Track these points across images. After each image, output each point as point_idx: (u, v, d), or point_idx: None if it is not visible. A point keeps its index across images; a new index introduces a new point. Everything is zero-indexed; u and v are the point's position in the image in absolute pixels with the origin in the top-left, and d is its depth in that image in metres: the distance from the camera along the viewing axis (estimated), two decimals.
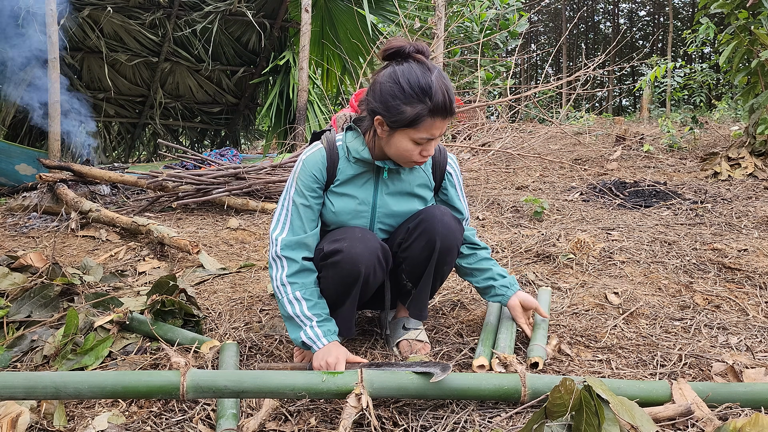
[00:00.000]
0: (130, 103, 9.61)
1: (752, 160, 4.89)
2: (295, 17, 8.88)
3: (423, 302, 1.81)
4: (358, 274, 1.58)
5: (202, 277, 2.71)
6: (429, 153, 1.59)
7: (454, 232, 1.68)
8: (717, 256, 2.64)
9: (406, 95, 1.50)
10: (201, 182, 4.39)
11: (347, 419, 1.26)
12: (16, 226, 4.15)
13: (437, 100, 1.50)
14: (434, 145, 1.60)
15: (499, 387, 1.41)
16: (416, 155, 1.59)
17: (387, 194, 1.72)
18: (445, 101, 1.51)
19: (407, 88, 1.50)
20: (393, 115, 1.53)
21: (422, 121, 1.51)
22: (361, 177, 1.70)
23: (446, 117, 1.54)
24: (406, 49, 1.56)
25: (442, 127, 1.56)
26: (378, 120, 1.58)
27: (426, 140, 1.56)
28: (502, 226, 3.51)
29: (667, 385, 1.41)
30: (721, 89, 13.74)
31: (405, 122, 1.52)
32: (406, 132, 1.54)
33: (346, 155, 1.69)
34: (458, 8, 9.91)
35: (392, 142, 1.59)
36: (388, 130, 1.57)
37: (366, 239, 1.60)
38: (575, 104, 17.50)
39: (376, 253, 1.60)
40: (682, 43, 15.07)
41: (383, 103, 1.54)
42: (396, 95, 1.51)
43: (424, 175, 1.77)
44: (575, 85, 6.18)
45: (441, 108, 1.51)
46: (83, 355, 1.75)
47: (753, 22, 5.12)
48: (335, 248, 1.58)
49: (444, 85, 1.52)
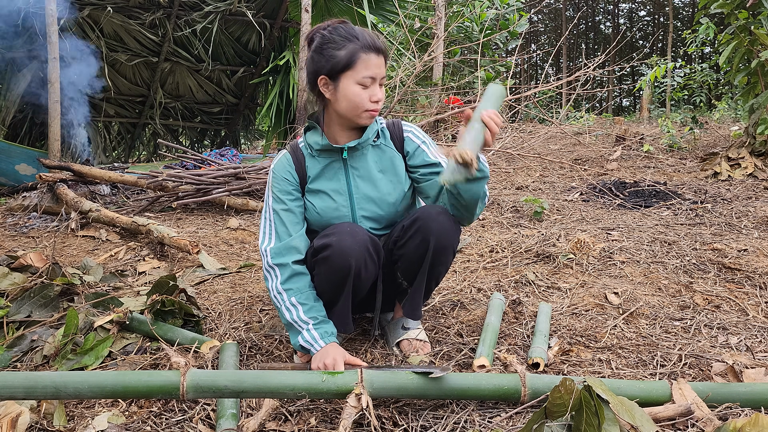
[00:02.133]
0: (130, 103, 9.60)
1: (752, 160, 4.89)
2: (295, 17, 8.87)
3: (417, 301, 1.80)
4: (349, 268, 1.59)
5: (202, 277, 2.71)
6: (378, 97, 1.63)
7: (449, 231, 1.67)
8: (717, 256, 2.64)
9: (336, 42, 1.62)
10: (201, 182, 4.40)
11: (347, 419, 1.26)
12: (16, 226, 4.15)
13: (365, 38, 1.61)
14: (380, 89, 1.64)
15: (499, 387, 1.41)
16: (366, 101, 1.63)
17: (359, 177, 1.74)
18: (372, 39, 1.62)
19: (336, 37, 1.62)
20: (329, 63, 1.61)
21: (357, 57, 1.59)
22: (330, 168, 1.74)
23: (379, 53, 1.62)
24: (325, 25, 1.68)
25: (379, 65, 1.61)
26: (321, 80, 1.64)
27: (369, 80, 1.61)
28: (502, 226, 3.51)
29: (667, 385, 1.41)
30: (721, 89, 13.74)
31: (342, 65, 1.60)
32: (348, 75, 1.61)
33: (309, 152, 1.75)
34: (458, 8, 9.91)
35: (340, 96, 1.63)
36: (332, 86, 1.64)
37: (354, 232, 1.61)
38: (575, 104, 17.50)
39: (366, 246, 1.61)
40: (682, 43, 15.07)
41: (315, 62, 1.64)
42: (326, 46, 1.63)
43: (389, 149, 1.79)
44: (575, 85, 6.18)
45: (371, 44, 1.61)
46: (83, 355, 1.75)
47: (753, 22, 5.12)
48: (324, 243, 1.60)
49: (368, 31, 1.63)
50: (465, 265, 2.76)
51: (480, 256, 2.90)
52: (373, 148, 1.77)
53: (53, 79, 5.50)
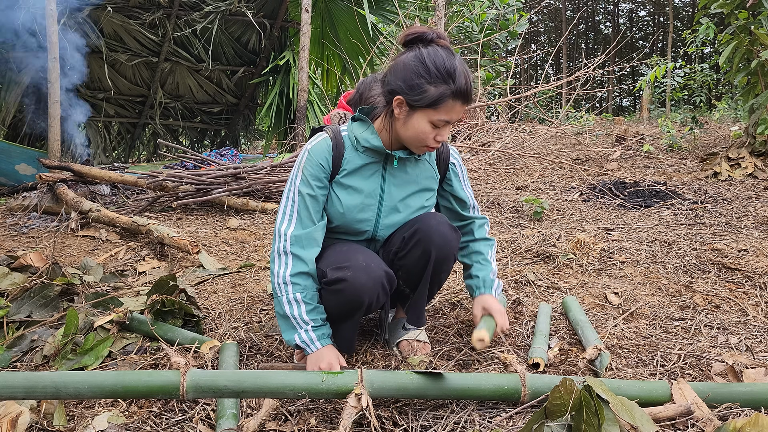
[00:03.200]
0: (130, 103, 9.61)
1: (752, 160, 4.89)
2: (295, 17, 8.88)
3: (420, 309, 1.81)
4: (361, 304, 1.57)
5: (202, 277, 2.71)
6: (443, 138, 1.60)
7: (450, 241, 1.66)
8: (717, 256, 2.64)
9: (432, 75, 1.52)
10: (201, 182, 4.40)
11: (347, 419, 1.26)
12: (16, 226, 4.15)
13: (460, 83, 1.52)
14: (448, 132, 1.61)
15: (499, 387, 1.41)
16: (431, 139, 1.59)
17: (394, 186, 1.71)
18: (467, 86, 1.54)
19: (433, 69, 1.52)
20: (416, 93, 1.53)
21: (444, 102, 1.53)
22: (368, 168, 1.69)
23: (465, 102, 1.56)
24: (429, 35, 1.58)
25: (460, 112, 1.57)
26: (398, 100, 1.57)
27: (443, 123, 1.56)
28: (502, 226, 3.51)
29: (667, 385, 1.41)
30: (721, 89, 13.74)
31: (427, 102, 1.53)
32: (426, 113, 1.55)
33: (353, 144, 1.68)
34: (458, 8, 9.91)
35: (410, 124, 1.58)
36: (407, 111, 1.57)
37: (370, 268, 1.56)
38: (575, 104, 17.51)
39: (381, 282, 1.57)
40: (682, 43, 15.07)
41: (406, 81, 1.54)
42: (421, 74, 1.52)
43: (429, 167, 1.77)
44: (575, 85, 6.18)
45: (463, 92, 1.53)
46: (83, 355, 1.75)
47: (753, 22, 5.12)
48: (338, 277, 1.54)
49: (466, 71, 1.55)
50: None
51: None
52: (415, 162, 1.74)
53: (53, 79, 5.50)
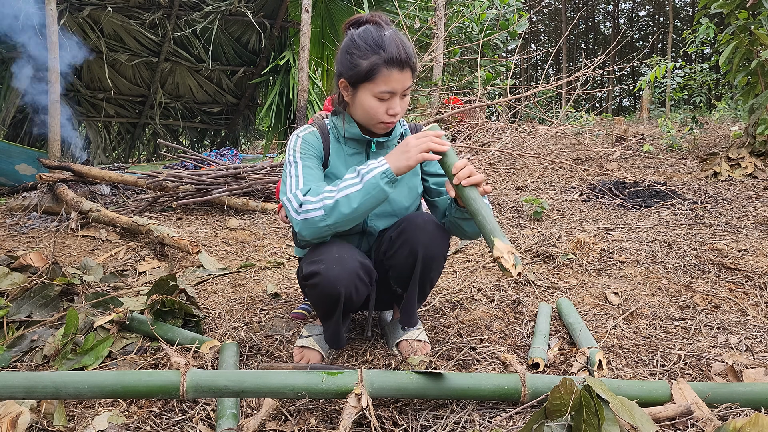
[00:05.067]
0: (130, 103, 9.61)
1: (752, 161, 4.89)
2: (295, 17, 8.88)
3: (411, 309, 1.80)
4: (338, 296, 1.55)
5: (202, 277, 2.71)
6: (395, 111, 1.58)
7: (436, 240, 1.64)
8: (717, 256, 2.64)
9: (361, 50, 1.56)
10: (201, 182, 4.40)
11: (347, 419, 1.26)
12: (16, 226, 4.15)
13: (391, 50, 1.54)
14: (399, 103, 1.58)
15: (499, 387, 1.41)
16: (382, 114, 1.58)
17: None
18: (399, 52, 1.54)
19: (361, 44, 1.56)
20: (350, 69, 1.57)
21: (378, 72, 1.54)
22: (353, 158, 1.70)
23: (403, 68, 1.55)
24: (362, 19, 1.64)
25: (401, 80, 1.55)
26: (342, 84, 1.62)
27: (388, 94, 1.56)
28: (502, 226, 3.51)
29: (667, 385, 1.41)
30: (721, 89, 13.74)
31: (362, 75, 1.55)
32: (366, 87, 1.57)
33: (336, 136, 1.71)
34: (458, 8, 9.91)
35: (357, 103, 1.61)
36: (351, 91, 1.61)
37: (343, 260, 1.54)
38: (575, 104, 17.50)
39: (356, 272, 1.55)
40: (682, 43, 15.07)
41: (342, 63, 1.60)
42: (352, 51, 1.57)
43: None
44: (575, 85, 6.18)
45: (396, 58, 1.53)
46: (83, 355, 1.75)
47: (753, 22, 5.12)
48: (312, 270, 1.54)
49: (398, 39, 1.56)
50: (465, 265, 2.76)
51: (480, 256, 2.90)
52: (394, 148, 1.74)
53: (53, 79, 5.50)
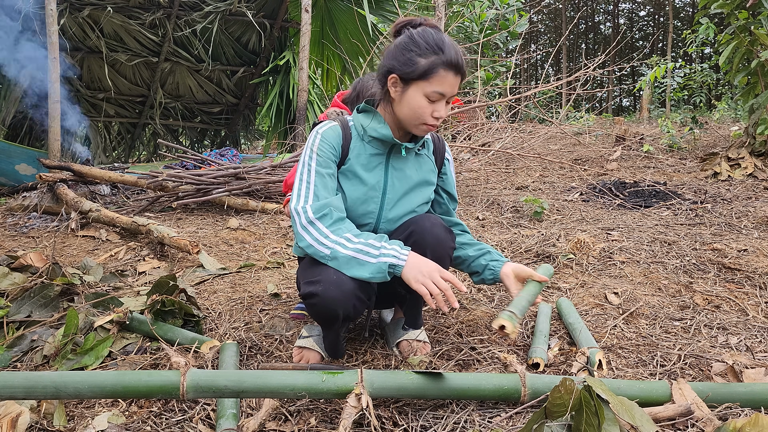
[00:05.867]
0: (130, 103, 9.61)
1: (752, 161, 4.89)
2: (295, 17, 8.88)
3: (417, 311, 1.80)
4: (336, 316, 1.56)
5: (202, 277, 2.71)
6: (440, 115, 1.59)
7: (444, 242, 1.65)
8: (717, 256, 2.64)
9: (421, 48, 1.56)
10: (201, 182, 4.40)
11: (347, 419, 1.26)
12: (16, 226, 4.15)
13: (450, 54, 1.55)
14: (445, 108, 1.60)
15: (499, 387, 1.41)
16: (428, 115, 1.58)
17: (397, 179, 1.70)
18: (457, 57, 1.56)
19: (421, 42, 1.56)
20: (407, 66, 1.56)
21: (435, 72, 1.54)
22: (374, 159, 1.68)
23: (458, 73, 1.57)
24: (417, 21, 1.65)
25: (453, 84, 1.57)
26: (392, 79, 1.60)
27: (438, 96, 1.56)
28: (502, 226, 3.51)
29: (667, 385, 1.41)
30: (721, 89, 13.74)
31: (418, 73, 1.55)
32: (420, 86, 1.56)
33: (360, 134, 1.69)
34: (458, 8, 9.91)
35: (405, 100, 1.59)
36: (402, 87, 1.59)
37: (341, 282, 1.52)
38: (575, 104, 17.51)
39: (353, 294, 1.53)
40: (682, 43, 15.08)
41: (397, 57, 1.59)
42: (410, 48, 1.57)
43: (428, 160, 1.78)
44: (575, 85, 6.18)
45: (454, 62, 1.55)
46: (83, 355, 1.75)
47: (753, 22, 5.12)
48: (310, 291, 1.53)
49: (455, 45, 1.58)
50: None
51: None
52: (416, 156, 1.75)
53: (53, 79, 5.50)
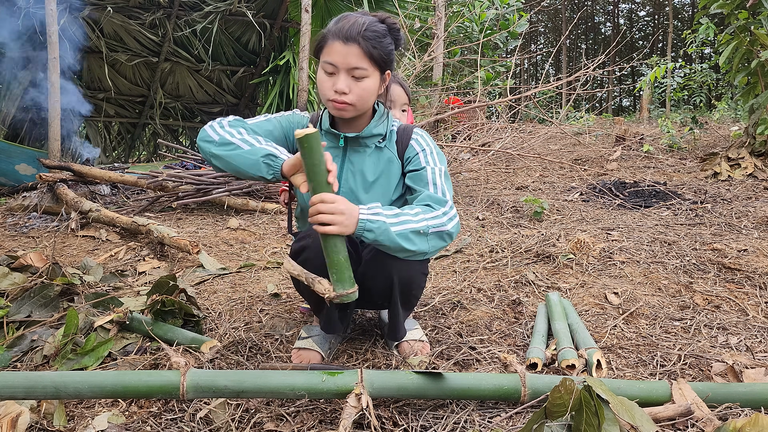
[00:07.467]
0: (130, 103, 9.61)
1: (752, 161, 4.89)
2: (295, 17, 8.88)
3: (398, 325, 1.76)
4: None
5: (202, 277, 2.71)
6: (340, 87, 1.53)
7: (411, 263, 1.59)
8: (717, 256, 2.64)
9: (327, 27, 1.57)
10: (201, 182, 4.40)
11: (347, 419, 1.26)
12: (16, 226, 4.15)
13: (341, 24, 1.53)
14: (345, 81, 1.54)
15: (499, 387, 1.41)
16: (329, 89, 1.55)
17: (351, 173, 1.68)
18: (347, 26, 1.51)
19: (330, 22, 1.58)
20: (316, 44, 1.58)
21: (324, 42, 1.55)
22: (331, 153, 1.65)
23: (347, 42, 1.50)
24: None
25: (344, 54, 1.51)
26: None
27: (330, 66, 1.53)
28: (502, 226, 3.51)
29: (667, 385, 1.41)
30: (721, 89, 13.74)
31: (316, 49, 1.57)
32: (320, 63, 1.57)
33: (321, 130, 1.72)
34: (458, 8, 9.91)
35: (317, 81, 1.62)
36: None
37: None
38: (575, 104, 17.51)
39: None
40: (682, 44, 15.08)
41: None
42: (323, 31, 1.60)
43: (388, 151, 1.71)
44: (575, 86, 6.18)
45: (340, 31, 1.51)
46: (83, 355, 1.75)
47: (753, 23, 5.12)
48: (302, 245, 1.57)
49: (359, 20, 1.53)
50: (465, 265, 2.76)
51: (480, 256, 2.90)
52: (376, 150, 1.69)
53: (53, 79, 5.50)
